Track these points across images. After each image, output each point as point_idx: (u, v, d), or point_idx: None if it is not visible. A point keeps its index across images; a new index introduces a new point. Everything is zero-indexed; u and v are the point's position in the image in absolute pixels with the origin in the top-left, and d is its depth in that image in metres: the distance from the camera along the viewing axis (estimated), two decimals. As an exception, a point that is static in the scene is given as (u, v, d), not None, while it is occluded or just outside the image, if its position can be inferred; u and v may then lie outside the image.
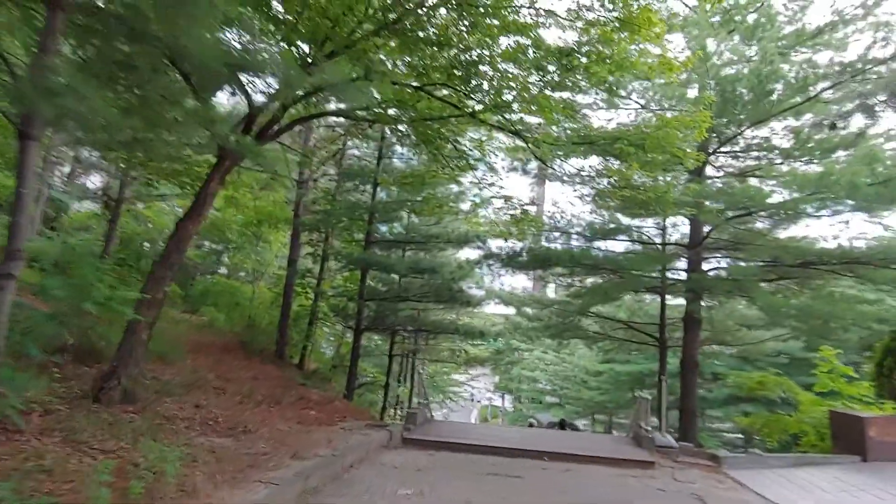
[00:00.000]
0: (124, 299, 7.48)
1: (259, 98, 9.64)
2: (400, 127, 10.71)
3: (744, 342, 15.67)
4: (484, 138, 12.17)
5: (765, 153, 13.75)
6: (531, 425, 23.45)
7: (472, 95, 9.74)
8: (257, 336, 16.44)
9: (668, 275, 15.86)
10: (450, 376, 33.12)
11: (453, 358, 22.81)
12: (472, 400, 55.14)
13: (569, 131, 9.87)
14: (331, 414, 11.66)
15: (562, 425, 20.02)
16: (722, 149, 13.10)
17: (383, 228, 16.54)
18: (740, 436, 32.34)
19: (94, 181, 18.46)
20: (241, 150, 8.57)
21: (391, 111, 9.38)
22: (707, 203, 11.15)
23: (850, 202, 10.36)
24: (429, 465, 8.87)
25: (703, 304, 13.93)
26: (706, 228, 13.39)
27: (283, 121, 9.79)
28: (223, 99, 17.15)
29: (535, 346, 39.86)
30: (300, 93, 8.40)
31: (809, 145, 11.82)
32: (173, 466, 5.14)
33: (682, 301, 18.64)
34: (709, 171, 14.35)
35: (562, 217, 14.33)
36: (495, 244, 14.12)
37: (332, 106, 10.14)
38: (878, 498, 8.18)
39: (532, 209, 12.68)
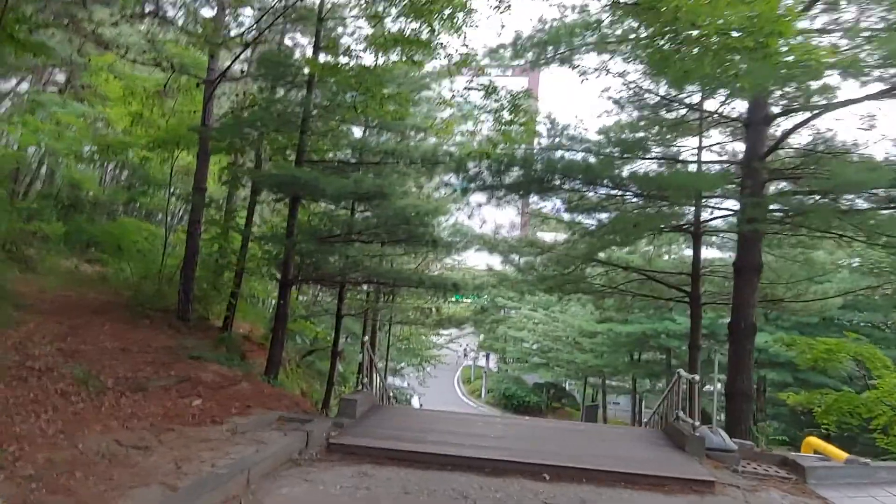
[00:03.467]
0: None
1: None
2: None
3: (805, 298, 12.16)
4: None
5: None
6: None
7: None
8: (161, 291, 12.57)
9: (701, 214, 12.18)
10: (427, 338, 29.61)
11: (421, 318, 19.06)
12: (466, 355, 51.72)
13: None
14: (226, 403, 7.95)
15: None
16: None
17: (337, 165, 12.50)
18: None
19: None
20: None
21: None
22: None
23: None
24: (352, 505, 5.20)
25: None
26: (767, 142, 9.59)
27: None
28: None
29: (521, 303, 36.49)
30: None
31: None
32: None
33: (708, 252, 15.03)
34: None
35: (563, 129, 10.42)
36: (474, 166, 10.21)
37: None
38: None
39: (526, 108, 8.79)
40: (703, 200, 10.12)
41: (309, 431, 7.17)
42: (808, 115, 8.94)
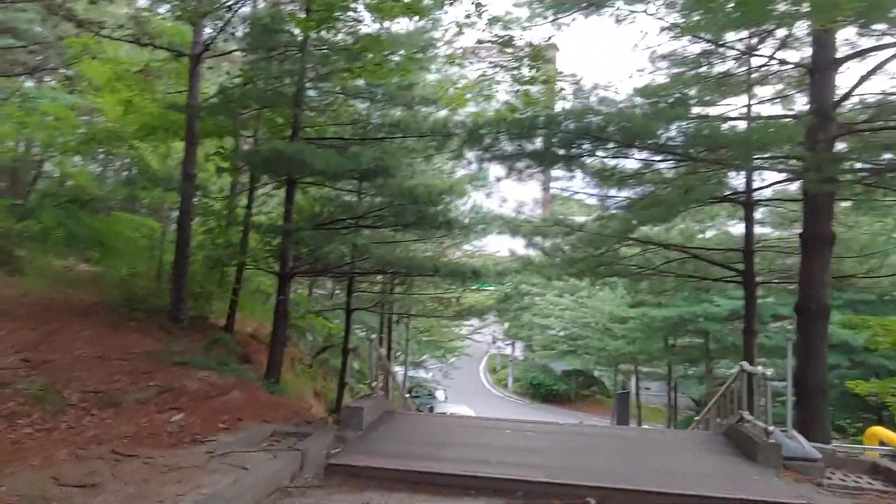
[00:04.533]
0: None
1: None
2: None
3: (879, 273, 10.59)
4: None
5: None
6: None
7: None
8: (157, 290, 11.61)
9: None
10: (449, 329, 28.39)
11: (441, 309, 17.75)
12: (495, 342, 50.00)
13: None
14: (213, 417, 6.88)
15: None
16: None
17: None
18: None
19: None
20: None
21: None
22: None
23: None
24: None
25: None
26: (840, 87, 8.10)
27: None
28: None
29: (547, 289, 35.08)
30: None
31: None
32: None
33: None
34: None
35: (592, 90, 9.02)
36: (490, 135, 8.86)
37: None
38: None
39: (548, 59, 7.47)
40: (762, 163, 8.62)
41: (304, 450, 6.06)
42: (889, 53, 7.49)
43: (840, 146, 9.41)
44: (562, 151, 8.12)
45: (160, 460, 5.33)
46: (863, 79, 7.88)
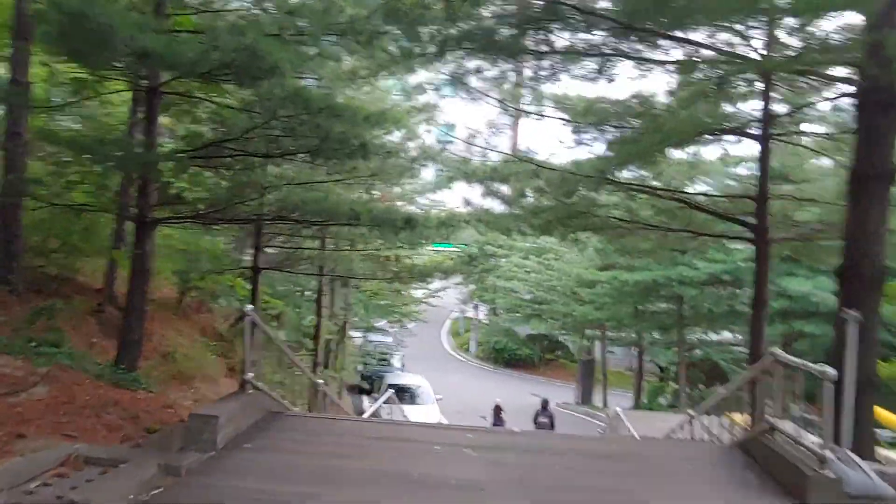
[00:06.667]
0: None
1: None
2: None
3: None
4: None
5: None
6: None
7: None
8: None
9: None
10: (404, 293, 26.00)
11: (374, 271, 15.05)
12: (465, 303, 47.15)
13: None
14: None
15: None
16: None
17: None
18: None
19: None
20: None
21: None
22: None
23: None
24: None
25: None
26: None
27: None
28: None
29: (512, 251, 33.07)
30: None
31: None
32: None
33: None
34: None
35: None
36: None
37: None
38: None
39: None
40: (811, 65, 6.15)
41: (84, 501, 3.63)
42: None
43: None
44: (528, 40, 5.56)
45: None
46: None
